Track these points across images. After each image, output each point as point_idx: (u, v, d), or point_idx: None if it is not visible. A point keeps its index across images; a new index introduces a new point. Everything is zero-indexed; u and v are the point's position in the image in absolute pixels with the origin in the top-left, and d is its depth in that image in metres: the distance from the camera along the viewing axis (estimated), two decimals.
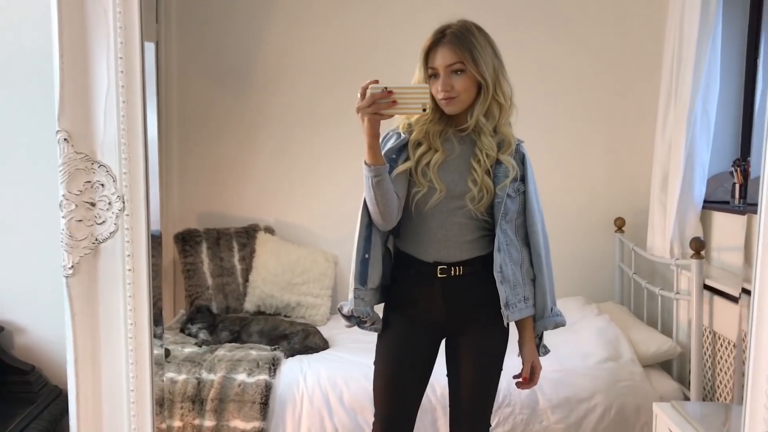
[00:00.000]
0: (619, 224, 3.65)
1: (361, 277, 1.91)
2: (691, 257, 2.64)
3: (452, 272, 1.89)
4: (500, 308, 1.88)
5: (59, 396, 1.06)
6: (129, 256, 0.97)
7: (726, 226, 2.88)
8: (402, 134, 1.89)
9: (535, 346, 1.97)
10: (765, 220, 1.08)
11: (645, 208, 3.38)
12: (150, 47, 2.04)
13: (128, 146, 1.00)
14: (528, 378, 1.98)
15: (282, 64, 3.81)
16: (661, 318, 3.12)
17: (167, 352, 2.04)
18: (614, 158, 3.74)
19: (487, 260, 1.91)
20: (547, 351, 2.02)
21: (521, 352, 1.98)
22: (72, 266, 0.95)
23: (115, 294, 0.97)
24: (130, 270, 0.98)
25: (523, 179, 1.89)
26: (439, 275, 1.89)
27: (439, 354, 2.07)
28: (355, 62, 3.72)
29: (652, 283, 3.21)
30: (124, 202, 0.97)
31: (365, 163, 1.76)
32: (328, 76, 3.77)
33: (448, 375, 2.06)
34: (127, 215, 0.96)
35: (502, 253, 1.86)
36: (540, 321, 1.94)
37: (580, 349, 2.85)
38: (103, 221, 0.97)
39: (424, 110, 1.66)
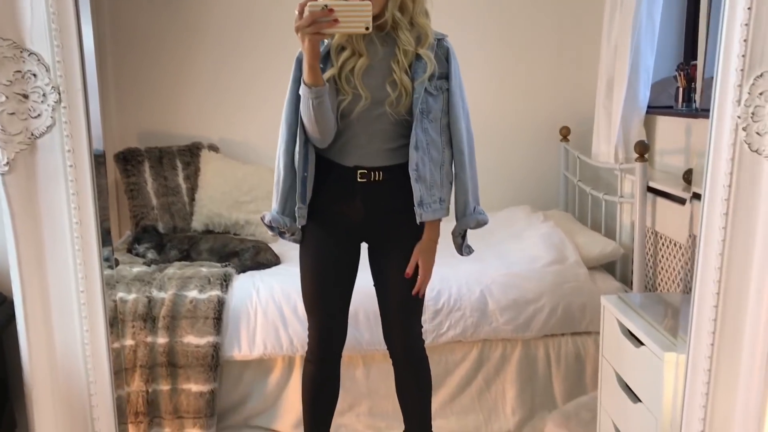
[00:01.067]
0: (564, 133, 3.69)
1: (302, 196, 1.93)
2: (636, 160, 2.69)
3: (372, 177, 1.90)
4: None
5: (4, 302, 1.02)
6: (69, 151, 0.92)
7: (669, 130, 2.94)
8: (324, 40, 1.84)
9: (428, 247, 1.97)
10: (717, 121, 1.10)
11: (590, 116, 3.41)
12: None
13: (60, 32, 0.92)
14: (410, 274, 1.97)
15: None
16: (604, 222, 3.20)
17: (116, 262, 1.99)
18: (559, 66, 3.74)
19: (406, 168, 1.90)
20: (470, 250, 2.06)
21: (414, 248, 1.97)
22: (7, 163, 0.89)
23: (56, 193, 0.92)
24: (71, 166, 0.93)
25: (446, 77, 1.87)
26: (359, 179, 1.90)
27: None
28: None
29: (597, 189, 3.28)
30: (60, 94, 0.91)
31: (304, 83, 1.72)
32: None
33: (374, 284, 2.10)
34: (65, 108, 0.90)
35: (420, 152, 1.84)
36: (462, 219, 1.96)
37: (527, 253, 2.91)
38: (38, 114, 0.91)
39: (367, 29, 1.60)
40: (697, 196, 1.25)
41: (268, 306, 2.68)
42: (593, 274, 2.91)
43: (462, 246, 2.03)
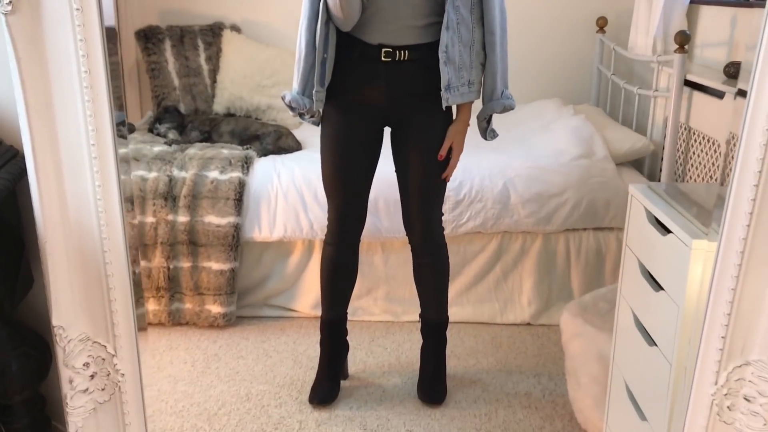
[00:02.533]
0: (601, 24, 3.52)
1: (321, 78, 1.85)
2: (675, 51, 2.56)
3: (397, 56, 1.82)
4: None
5: (15, 156, 1.00)
6: None
7: (713, 21, 2.78)
8: None
9: (463, 131, 1.95)
10: None
11: (629, 7, 3.23)
12: None
13: None
14: (444, 156, 1.94)
15: None
16: (636, 118, 3.10)
17: (131, 127, 1.95)
18: None
19: (434, 47, 1.83)
20: (495, 135, 2.00)
21: (448, 130, 1.94)
22: (10, 2, 0.84)
23: (64, 37, 0.88)
24: (78, 9, 0.87)
25: None
26: (383, 59, 1.82)
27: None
28: None
29: (630, 84, 3.16)
30: None
31: None
32: None
33: (396, 170, 2.05)
34: None
35: (450, 32, 1.77)
36: (488, 103, 1.89)
37: (554, 147, 2.84)
38: None
39: None
40: (742, 93, 1.16)
41: (289, 190, 2.67)
42: (621, 169, 2.84)
43: (487, 130, 1.98)
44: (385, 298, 2.75)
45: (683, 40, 2.52)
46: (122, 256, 0.98)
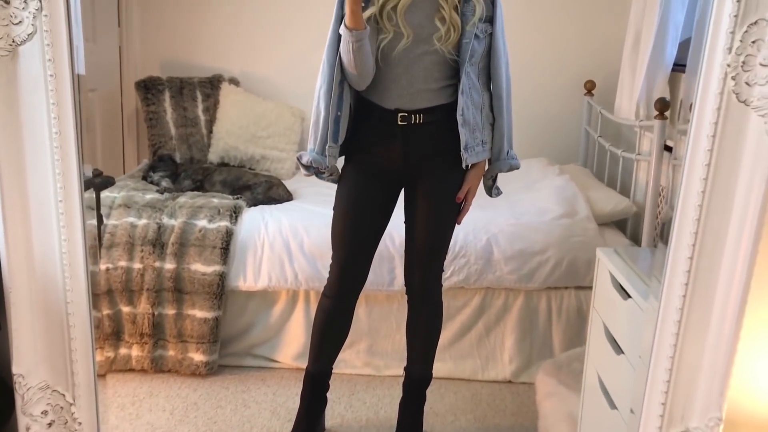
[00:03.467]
0: (589, 87, 3.62)
1: (334, 135, 1.92)
2: (655, 117, 2.63)
3: (413, 120, 1.90)
4: (457, 154, 1.91)
5: None
6: (50, 60, 0.93)
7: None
8: None
9: (479, 177, 2.04)
10: (706, 68, 1.07)
11: (617, 71, 3.33)
12: None
13: None
14: (461, 198, 2.03)
15: None
16: (620, 179, 3.16)
17: (109, 180, 1.96)
18: (588, 18, 3.64)
19: (447, 109, 1.91)
20: (499, 192, 2.10)
21: (465, 177, 2.02)
22: None
23: (37, 102, 0.94)
24: (52, 76, 0.94)
25: (491, 20, 1.86)
26: (399, 122, 1.90)
27: (399, 205, 2.11)
28: None
29: (616, 146, 3.23)
30: (40, 1, 0.92)
31: (345, 26, 1.71)
32: None
33: (405, 221, 2.11)
34: (45, 16, 0.91)
35: (465, 96, 1.86)
36: (496, 163, 2.00)
37: (538, 205, 2.90)
38: (20, 21, 0.91)
39: None
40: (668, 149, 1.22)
41: (276, 240, 2.72)
42: (604, 230, 2.88)
43: (492, 188, 2.08)
44: (367, 352, 2.77)
45: (663, 107, 2.60)
46: (84, 306, 1.02)
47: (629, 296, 1.43)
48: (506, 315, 2.75)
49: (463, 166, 1.93)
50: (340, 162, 2.07)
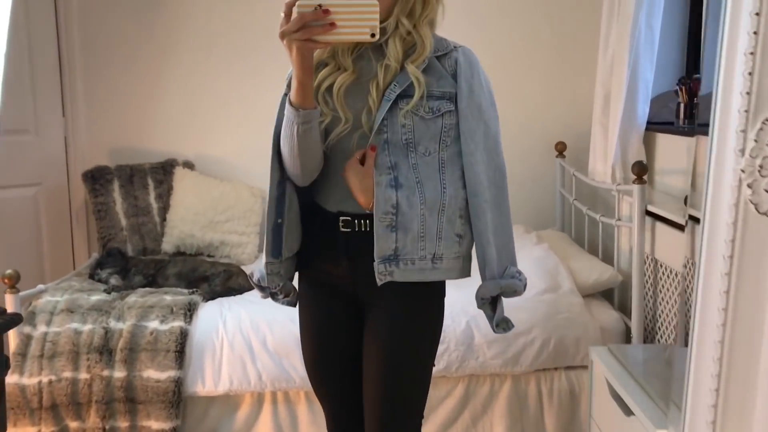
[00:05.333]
0: (560, 149, 3.49)
1: (275, 248, 1.51)
2: (633, 182, 2.49)
3: (357, 226, 1.47)
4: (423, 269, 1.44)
5: None
6: None
7: (670, 149, 2.73)
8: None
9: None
10: (715, 174, 0.89)
11: (587, 131, 3.21)
12: None
13: None
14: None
15: None
16: (602, 245, 2.99)
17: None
18: (555, 78, 3.55)
19: None
20: (508, 326, 1.56)
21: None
22: None
23: None
24: None
25: (453, 97, 1.44)
26: (341, 229, 1.48)
27: None
28: None
29: (594, 209, 3.07)
30: None
31: (290, 104, 1.37)
32: None
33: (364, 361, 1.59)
34: None
35: (405, 191, 1.42)
36: (482, 284, 1.50)
37: None
38: None
39: (373, 36, 1.27)
40: (694, 219, 1.03)
41: (236, 338, 2.49)
42: (589, 301, 2.70)
43: (493, 320, 1.55)
44: None
45: (641, 171, 2.45)
46: None
47: (632, 413, 1.22)
48: (493, 402, 2.53)
49: (378, 283, 1.44)
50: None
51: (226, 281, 2.82)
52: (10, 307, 2.38)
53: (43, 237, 3.31)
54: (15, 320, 1.37)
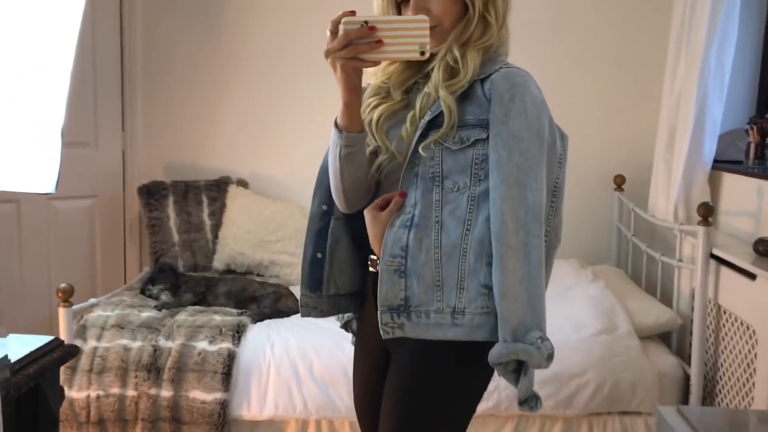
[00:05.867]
0: (619, 182, 3.40)
1: (312, 281, 1.41)
2: (698, 224, 2.39)
3: (378, 266, 1.32)
4: (449, 317, 1.23)
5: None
6: None
7: (738, 189, 2.63)
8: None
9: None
10: None
11: (647, 164, 3.11)
12: None
13: None
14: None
15: None
16: (661, 285, 2.89)
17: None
18: (616, 109, 3.46)
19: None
20: (536, 404, 1.25)
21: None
22: None
23: None
24: None
25: (487, 123, 1.25)
26: (369, 269, 1.37)
27: None
28: None
29: (653, 246, 2.97)
30: None
31: (335, 126, 1.29)
32: (308, 12, 3.44)
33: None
34: None
35: (418, 231, 1.25)
36: (497, 346, 1.20)
37: (573, 319, 2.62)
38: None
39: (423, 53, 1.18)
40: None
41: (282, 363, 2.47)
42: (646, 344, 2.60)
43: (521, 393, 1.23)
44: None
45: (706, 213, 2.36)
46: None
47: None
48: None
49: (383, 337, 1.26)
50: None
51: (276, 303, 2.81)
52: (63, 320, 2.40)
53: (96, 248, 3.36)
54: (72, 352, 1.37)
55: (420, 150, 1.26)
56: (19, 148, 2.13)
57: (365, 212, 1.31)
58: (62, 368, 2.46)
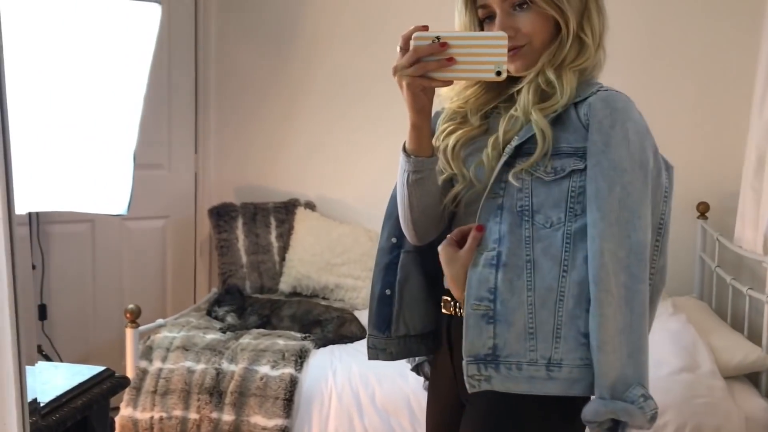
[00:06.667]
0: (703, 209, 3.21)
1: (379, 320, 1.30)
2: None
3: (454, 308, 1.24)
4: (538, 370, 1.10)
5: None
6: None
7: None
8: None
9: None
10: None
11: (734, 192, 2.93)
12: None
13: None
14: None
15: (329, 23, 3.51)
16: (748, 320, 2.69)
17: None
18: (702, 133, 3.28)
19: None
20: None
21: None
22: None
23: None
24: None
25: (583, 152, 1.13)
26: (443, 311, 1.27)
27: None
28: (414, 19, 3.33)
29: (739, 278, 2.78)
30: None
31: (403, 150, 1.19)
32: (382, 37, 3.42)
33: None
34: None
35: (507, 272, 1.12)
36: (592, 402, 1.10)
37: (651, 355, 2.44)
38: None
39: (499, 74, 1.08)
40: None
41: (344, 390, 2.41)
42: (731, 385, 2.41)
43: None
44: None
45: None
46: None
47: None
48: None
49: (469, 390, 1.13)
50: None
51: (339, 328, 2.77)
52: (129, 341, 2.43)
53: (167, 268, 3.42)
54: (123, 384, 1.35)
55: (510, 178, 1.15)
56: (93, 170, 2.18)
57: (440, 249, 1.19)
58: (127, 390, 2.49)
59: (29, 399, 0.75)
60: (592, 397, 1.11)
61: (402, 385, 2.38)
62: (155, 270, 3.34)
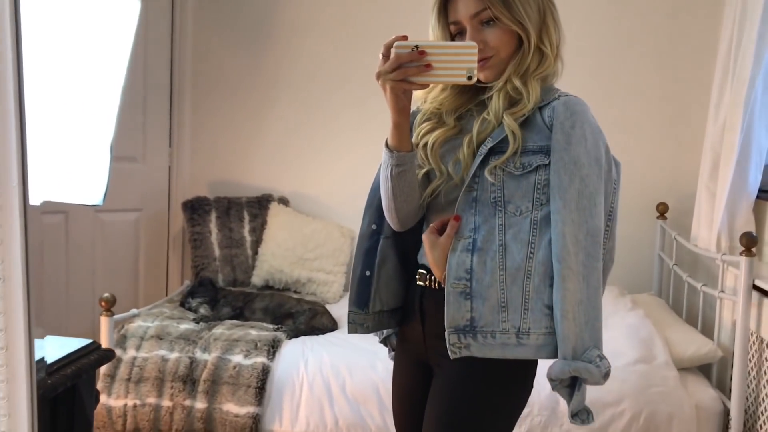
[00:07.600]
0: (662, 210, 3.35)
1: (359, 298, 1.44)
2: (741, 254, 2.34)
3: (428, 281, 1.40)
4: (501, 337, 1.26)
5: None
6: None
7: None
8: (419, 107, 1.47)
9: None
10: None
11: (691, 193, 3.07)
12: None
13: None
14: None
15: (305, 19, 3.57)
16: (702, 315, 2.83)
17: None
18: (660, 137, 3.42)
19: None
20: (587, 420, 1.33)
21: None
22: None
23: None
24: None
25: (548, 150, 1.29)
26: (417, 282, 1.43)
27: None
28: (388, 18, 3.42)
29: (695, 276, 2.92)
30: None
31: (386, 146, 1.34)
32: (356, 34, 3.50)
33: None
34: None
35: (482, 255, 1.29)
36: (554, 364, 1.28)
37: (609, 347, 2.52)
38: None
39: (470, 78, 1.22)
40: None
41: (315, 379, 2.48)
42: (684, 376, 2.54)
43: (573, 407, 1.32)
44: None
45: (749, 243, 2.31)
46: None
47: None
48: None
49: (451, 356, 1.29)
50: None
51: (311, 320, 2.84)
52: (104, 329, 2.46)
53: (140, 260, 3.44)
54: (108, 356, 1.41)
55: (486, 174, 1.31)
56: (69, 161, 2.22)
57: (423, 237, 1.36)
58: (101, 376, 2.53)
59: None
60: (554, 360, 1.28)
61: (372, 376, 2.46)
62: (128, 262, 3.37)
